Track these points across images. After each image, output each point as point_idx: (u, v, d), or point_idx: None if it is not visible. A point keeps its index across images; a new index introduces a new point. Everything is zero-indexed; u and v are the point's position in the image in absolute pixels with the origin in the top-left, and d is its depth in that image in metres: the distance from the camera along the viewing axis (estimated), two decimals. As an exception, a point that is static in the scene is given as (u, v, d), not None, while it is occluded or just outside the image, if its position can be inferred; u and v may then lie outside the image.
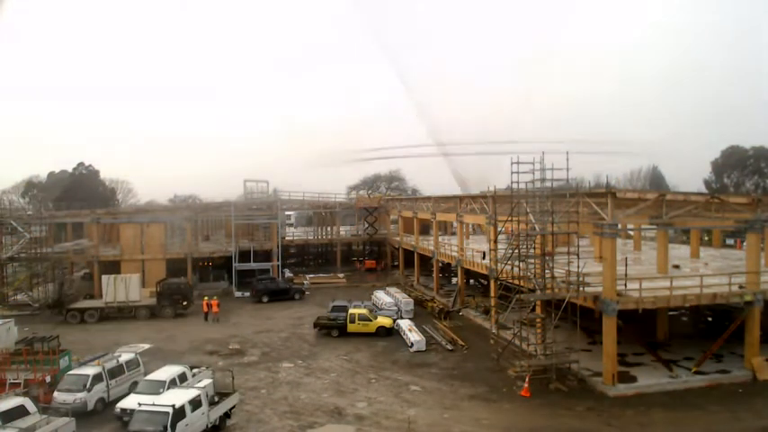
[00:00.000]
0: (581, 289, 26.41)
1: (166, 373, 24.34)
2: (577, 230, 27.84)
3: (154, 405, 19.92)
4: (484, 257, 39.71)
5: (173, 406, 19.47)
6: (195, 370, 25.73)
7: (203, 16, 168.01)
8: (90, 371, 24.40)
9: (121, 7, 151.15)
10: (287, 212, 78.72)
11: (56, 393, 23.75)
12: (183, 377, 24.23)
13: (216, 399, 22.23)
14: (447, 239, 55.25)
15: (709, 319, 37.72)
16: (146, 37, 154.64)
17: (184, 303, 43.97)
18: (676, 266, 34.82)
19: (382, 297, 43.45)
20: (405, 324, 36.48)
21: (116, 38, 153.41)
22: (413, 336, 33.91)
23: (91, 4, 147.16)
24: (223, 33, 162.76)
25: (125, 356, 26.92)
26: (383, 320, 36.94)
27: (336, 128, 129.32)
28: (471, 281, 52.69)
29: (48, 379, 25.13)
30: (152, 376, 24.44)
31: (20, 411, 19.87)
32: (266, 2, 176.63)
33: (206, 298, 43.24)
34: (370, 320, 36.45)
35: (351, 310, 36.95)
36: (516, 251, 28.33)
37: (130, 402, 22.17)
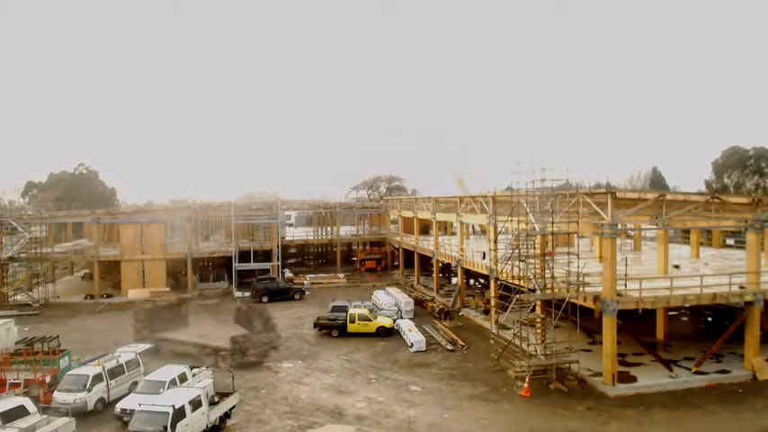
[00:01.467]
0: (581, 289, 26.40)
1: (166, 373, 24.36)
2: (577, 230, 27.85)
3: (154, 405, 19.93)
4: (484, 257, 39.71)
5: (173, 406, 19.48)
6: (195, 370, 25.70)
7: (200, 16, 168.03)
8: (90, 371, 24.41)
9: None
10: (287, 212, 78.65)
11: (56, 393, 23.76)
12: (183, 377, 24.23)
13: (216, 399, 22.24)
14: (447, 239, 55.22)
15: (710, 319, 37.73)
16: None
17: None
18: (676, 266, 34.83)
19: (382, 297, 43.41)
20: (405, 324, 36.48)
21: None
22: (413, 336, 33.89)
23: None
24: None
25: (125, 356, 26.92)
26: (383, 320, 36.93)
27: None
28: (471, 281, 52.69)
29: (48, 379, 25.11)
30: (152, 376, 24.44)
31: (20, 411, 19.88)
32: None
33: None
34: (370, 320, 36.43)
35: (351, 310, 36.92)
36: (516, 251, 28.34)
37: (130, 402, 22.20)
